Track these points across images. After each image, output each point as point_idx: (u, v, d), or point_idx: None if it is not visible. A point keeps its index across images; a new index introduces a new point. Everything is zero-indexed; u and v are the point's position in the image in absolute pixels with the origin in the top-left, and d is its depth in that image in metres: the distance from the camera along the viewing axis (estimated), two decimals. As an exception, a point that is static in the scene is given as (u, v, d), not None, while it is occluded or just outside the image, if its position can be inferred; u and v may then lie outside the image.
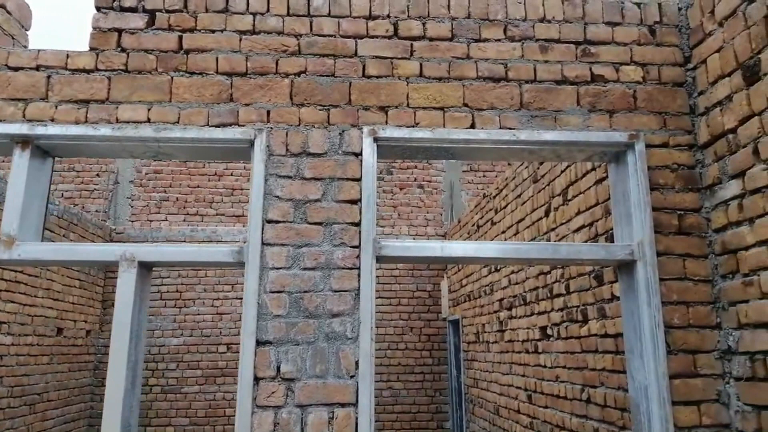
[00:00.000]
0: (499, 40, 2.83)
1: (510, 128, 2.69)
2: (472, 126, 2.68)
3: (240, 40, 2.69)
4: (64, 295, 7.39)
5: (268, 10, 2.73)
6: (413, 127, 2.65)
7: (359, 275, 2.44)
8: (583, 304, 3.90)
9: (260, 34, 2.70)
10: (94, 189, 9.23)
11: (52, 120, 2.54)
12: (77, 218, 7.62)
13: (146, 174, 9.43)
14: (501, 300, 5.82)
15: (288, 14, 2.73)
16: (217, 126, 2.58)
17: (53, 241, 6.96)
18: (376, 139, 2.61)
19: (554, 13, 2.91)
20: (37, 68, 2.60)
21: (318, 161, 2.58)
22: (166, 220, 9.28)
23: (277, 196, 2.53)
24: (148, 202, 9.31)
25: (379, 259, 2.52)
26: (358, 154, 2.60)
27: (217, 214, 9.44)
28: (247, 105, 2.62)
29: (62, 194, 9.27)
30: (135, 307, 2.40)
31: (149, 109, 2.59)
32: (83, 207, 9.15)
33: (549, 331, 4.47)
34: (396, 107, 2.67)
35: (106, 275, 8.53)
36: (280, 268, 2.45)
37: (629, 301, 2.59)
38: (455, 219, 9.37)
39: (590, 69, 2.77)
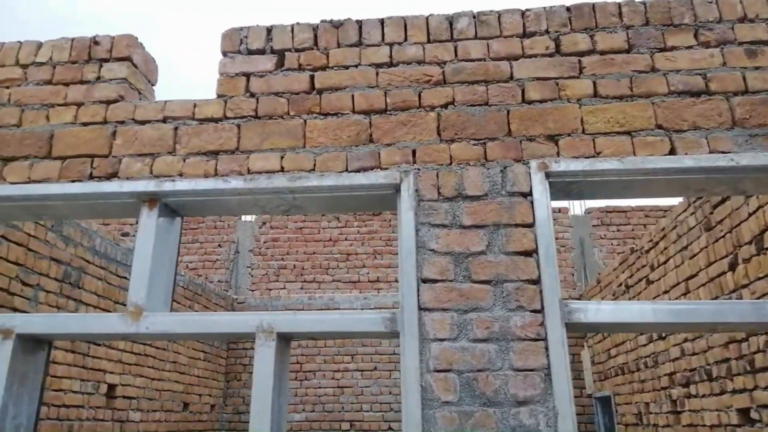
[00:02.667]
0: (690, 47, 2.28)
1: (724, 152, 2.08)
2: (672, 152, 2.10)
3: (377, 74, 2.36)
4: (190, 368, 7.34)
5: (405, 39, 2.39)
6: (594, 157, 2.12)
7: (547, 348, 1.88)
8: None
9: (399, 65, 2.35)
10: (216, 259, 9.43)
11: (181, 175, 2.31)
12: (201, 288, 7.68)
13: (264, 242, 9.51)
14: (672, 374, 4.87)
15: (428, 41, 2.37)
16: (357, 171, 2.22)
17: (179, 312, 6.99)
18: (548, 175, 2.11)
19: (757, 10, 2.33)
20: (164, 120, 2.41)
21: (478, 205, 2.11)
22: (284, 288, 9.21)
23: (432, 250, 2.07)
24: (267, 270, 9.32)
25: (570, 327, 1.94)
26: (527, 194, 2.10)
27: (333, 281, 9.23)
28: (388, 145, 2.24)
29: (187, 265, 9.54)
30: (275, 385, 1.99)
31: (282, 157, 2.28)
32: (206, 277, 9.33)
33: (755, 415, 3.53)
34: (569, 135, 2.17)
35: (228, 346, 8.48)
36: (444, 340, 1.95)
37: None
38: (590, 279, 8.45)
39: (828, 68, 2.12)
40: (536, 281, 1.98)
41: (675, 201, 8.20)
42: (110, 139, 2.40)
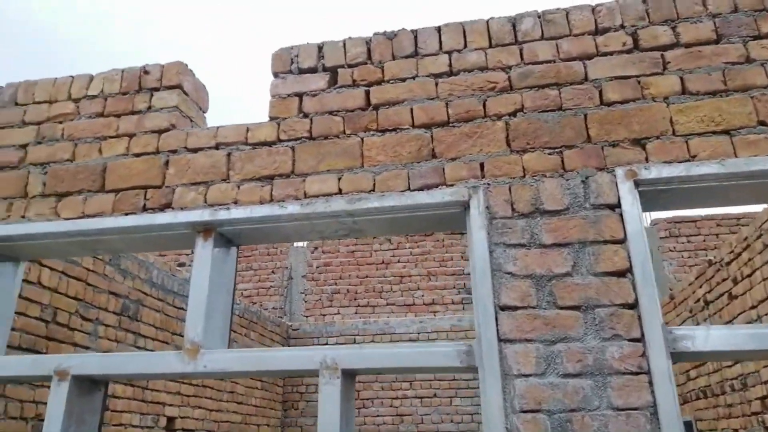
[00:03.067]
0: (790, 32, 2.01)
1: None
2: (781, 150, 1.84)
3: (436, 84, 2.20)
4: (247, 397, 7.27)
5: (465, 46, 2.22)
6: (689, 161, 1.88)
7: (651, 383, 1.64)
8: None
9: (459, 74, 2.18)
10: (270, 286, 9.41)
11: (235, 202, 2.20)
12: (256, 316, 7.64)
13: (317, 267, 9.44)
14: (764, 398, 4.42)
15: (490, 46, 2.20)
16: (420, 189, 2.04)
17: (236, 342, 6.94)
18: (637, 183, 1.88)
19: None
20: (217, 147, 2.31)
21: (558, 221, 1.89)
22: (338, 313, 9.08)
23: (510, 273, 1.87)
24: (320, 296, 9.23)
25: (675, 356, 1.69)
26: (614, 206, 1.87)
27: (387, 304, 9.04)
28: (453, 159, 2.06)
29: (242, 293, 9.57)
30: (342, 425, 1.81)
31: (339, 178, 2.14)
32: (261, 305, 9.32)
33: None
34: (657, 137, 1.94)
35: (284, 373, 8.38)
36: (530, 375, 1.73)
37: None
38: (661, 295, 7.94)
39: None
40: (633, 305, 1.75)
41: (757, 208, 7.66)
42: (163, 168, 2.32)
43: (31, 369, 2.14)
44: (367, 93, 2.25)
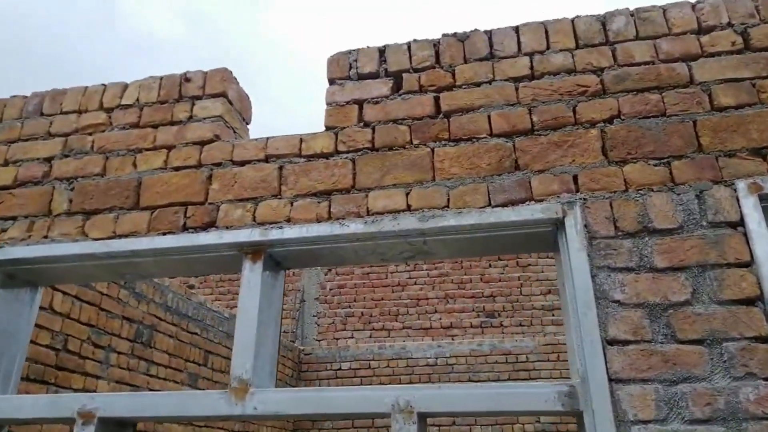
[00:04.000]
0: None
1: None
2: None
3: (516, 89, 1.97)
4: (259, 427, 6.92)
5: (548, 47, 1.99)
6: (820, 173, 1.64)
7: (810, 433, 1.37)
8: None
9: (543, 77, 1.96)
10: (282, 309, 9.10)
11: (288, 220, 1.95)
12: (270, 341, 7.32)
13: (330, 289, 9.15)
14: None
15: (577, 47, 1.97)
16: (503, 205, 1.80)
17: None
18: (762, 198, 1.63)
19: None
20: (266, 159, 2.07)
21: (672, 241, 1.64)
22: (352, 336, 8.76)
23: (617, 301, 1.61)
24: (334, 318, 8.92)
25: (835, 400, 1.42)
26: (736, 224, 1.63)
27: (403, 328, 8.73)
28: (540, 172, 1.82)
29: (252, 317, 9.25)
30: (421, 490, 1.54)
31: (408, 193, 1.89)
32: (272, 328, 8.99)
33: None
34: (779, 147, 1.70)
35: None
36: (649, 422, 1.47)
37: None
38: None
39: None
40: (767, 339, 1.49)
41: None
42: (206, 183, 2.08)
43: (50, 410, 1.87)
44: (437, 99, 2.02)
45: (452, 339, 8.42)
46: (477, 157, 1.89)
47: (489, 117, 1.94)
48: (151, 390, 4.67)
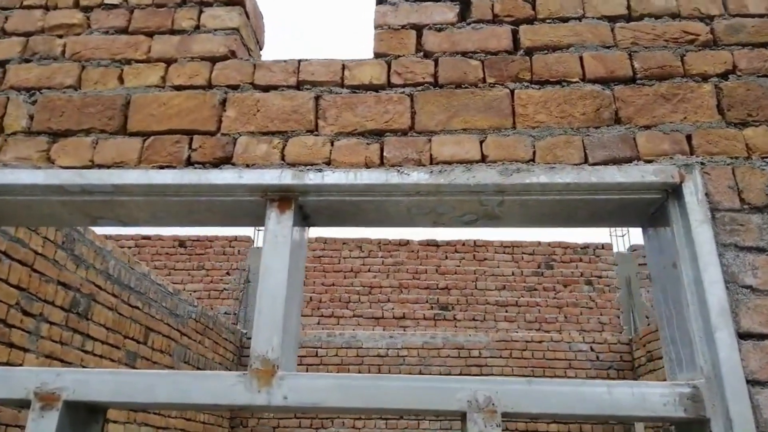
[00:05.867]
0: None
1: None
2: None
3: (612, 29, 1.65)
4: (196, 413, 6.37)
5: (646, -13, 1.69)
6: None
7: None
8: None
9: (643, 19, 1.65)
10: (223, 288, 8.51)
11: (328, 163, 1.54)
12: (212, 321, 6.77)
13: (278, 272, 8.63)
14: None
15: (682, -11, 1.67)
16: (603, 163, 1.48)
17: (189, 349, 6.06)
18: None
19: None
20: (298, 86, 1.65)
21: (811, 219, 1.38)
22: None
23: (749, 287, 1.33)
24: (280, 302, 8.42)
25: None
26: None
27: (354, 316, 8.37)
28: (646, 128, 1.51)
29: (190, 294, 8.60)
30: None
31: (482, 141, 1.54)
32: (212, 308, 8.39)
33: None
34: None
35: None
36: (802, 435, 1.19)
37: None
38: (638, 322, 7.74)
39: None
40: None
41: None
42: (218, 109, 1.64)
43: (-2, 389, 1.38)
44: (515, 33, 1.67)
45: (404, 330, 8.15)
46: (568, 104, 1.56)
47: (581, 59, 1.61)
48: (84, 368, 4.08)
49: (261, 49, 1.99)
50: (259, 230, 9.08)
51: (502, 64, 1.63)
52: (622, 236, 8.94)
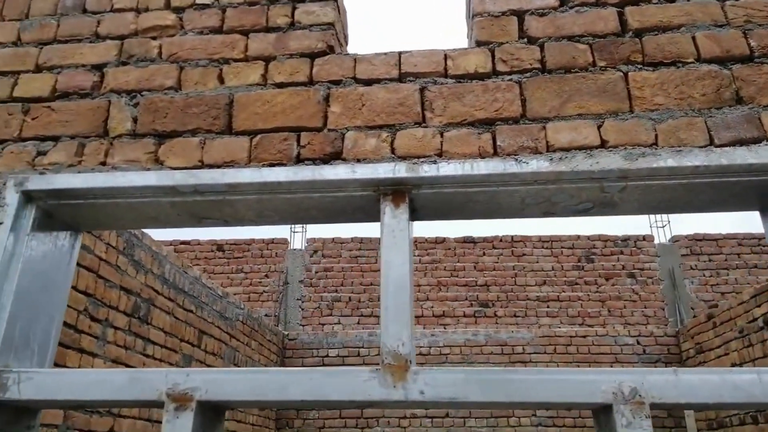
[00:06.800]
0: None
1: None
2: None
3: (722, 7, 1.60)
4: (246, 415, 6.41)
5: (755, -38, 1.63)
6: None
7: None
8: None
9: (756, -5, 1.59)
10: (263, 291, 8.55)
11: (440, 154, 1.52)
12: (258, 324, 6.81)
13: (316, 272, 8.65)
14: None
15: (793, -37, 1.62)
16: (730, 144, 1.43)
17: (238, 352, 6.10)
18: None
19: None
20: (401, 78, 1.63)
21: None
22: (339, 323, 8.31)
23: None
24: (319, 303, 8.44)
25: None
26: None
27: (393, 315, 8.33)
28: (769, 107, 1.46)
29: (229, 298, 8.66)
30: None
31: (600, 126, 1.50)
32: (252, 311, 8.43)
33: None
34: None
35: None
36: None
37: None
38: (684, 314, 7.60)
39: None
40: None
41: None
42: (322, 105, 1.62)
43: (127, 391, 1.38)
44: (620, 14, 1.63)
45: (444, 328, 8.11)
46: (686, 85, 1.51)
47: (694, 39, 1.57)
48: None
49: (347, 45, 1.98)
50: (295, 232, 9.13)
51: (612, 47, 1.59)
52: (663, 227, 8.78)
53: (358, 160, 1.54)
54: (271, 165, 1.56)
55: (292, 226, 9.30)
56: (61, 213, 1.66)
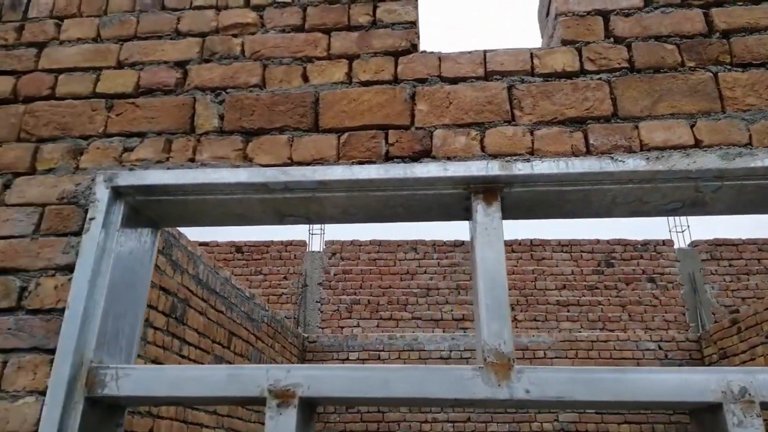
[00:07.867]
0: None
1: None
2: None
3: (811, 9, 1.60)
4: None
5: (841, -37, 1.63)
6: None
7: None
8: None
9: None
10: (282, 293, 8.56)
11: (532, 152, 1.52)
12: (280, 325, 6.82)
13: (335, 275, 8.66)
14: None
15: None
16: (828, 144, 1.43)
17: (263, 353, 6.10)
18: None
19: None
20: (487, 77, 1.64)
21: None
22: (358, 325, 8.31)
23: None
24: (338, 306, 8.44)
25: None
26: None
27: (413, 318, 8.34)
28: None
29: (248, 300, 8.67)
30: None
31: (693, 126, 1.50)
32: (274, 313, 8.44)
33: None
34: None
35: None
36: None
37: None
38: (705, 319, 7.57)
39: None
40: None
41: None
42: (409, 103, 1.63)
43: (227, 387, 1.39)
44: (706, 15, 1.63)
45: (464, 332, 8.09)
46: (778, 85, 1.51)
47: (784, 39, 1.57)
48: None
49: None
50: (313, 234, 9.15)
51: (700, 47, 1.59)
52: (682, 232, 8.77)
53: (449, 158, 1.54)
54: (361, 163, 1.56)
55: (310, 227, 9.32)
56: (147, 209, 1.67)
